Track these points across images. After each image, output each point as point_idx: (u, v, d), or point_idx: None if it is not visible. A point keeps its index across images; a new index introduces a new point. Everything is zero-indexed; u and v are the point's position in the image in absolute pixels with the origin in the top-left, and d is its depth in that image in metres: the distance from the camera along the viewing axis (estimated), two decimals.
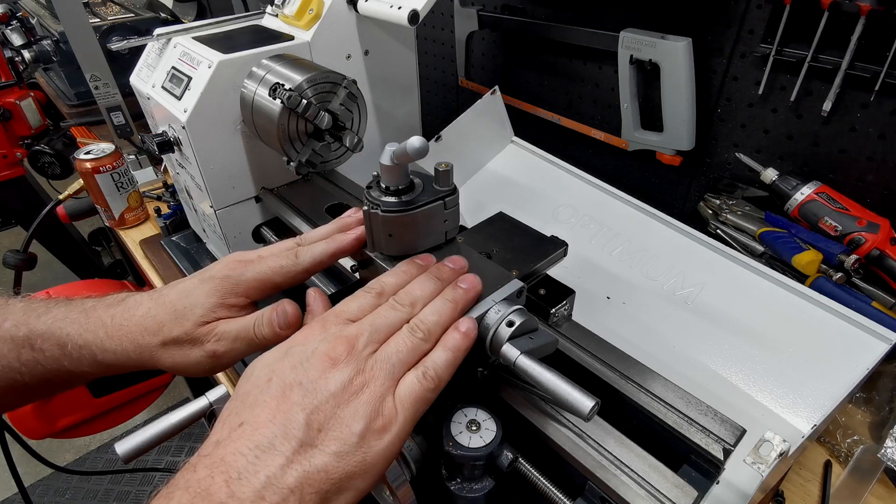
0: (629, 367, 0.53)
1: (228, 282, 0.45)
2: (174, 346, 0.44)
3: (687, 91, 0.85)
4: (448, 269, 0.44)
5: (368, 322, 0.38)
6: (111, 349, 0.44)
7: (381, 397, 0.35)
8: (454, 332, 0.40)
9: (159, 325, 0.44)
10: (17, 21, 1.69)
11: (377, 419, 0.34)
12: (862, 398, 0.71)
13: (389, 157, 0.47)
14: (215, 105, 0.72)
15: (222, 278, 0.45)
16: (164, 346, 0.44)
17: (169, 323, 0.44)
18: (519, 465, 0.51)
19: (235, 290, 0.45)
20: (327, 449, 0.32)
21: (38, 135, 1.86)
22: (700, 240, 0.75)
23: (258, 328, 0.44)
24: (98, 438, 2.00)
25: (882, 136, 0.72)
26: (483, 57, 1.23)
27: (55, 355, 0.44)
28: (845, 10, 0.67)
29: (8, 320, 0.45)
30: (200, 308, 0.44)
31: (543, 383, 0.42)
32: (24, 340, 0.44)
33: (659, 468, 0.45)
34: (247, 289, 0.46)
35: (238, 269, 0.46)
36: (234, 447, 0.31)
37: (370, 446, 0.33)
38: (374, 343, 0.37)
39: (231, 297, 0.45)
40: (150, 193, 1.23)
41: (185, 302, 0.44)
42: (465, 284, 0.43)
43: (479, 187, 0.94)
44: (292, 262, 0.47)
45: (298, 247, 0.48)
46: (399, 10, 0.73)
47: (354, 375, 0.35)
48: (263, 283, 0.46)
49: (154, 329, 0.44)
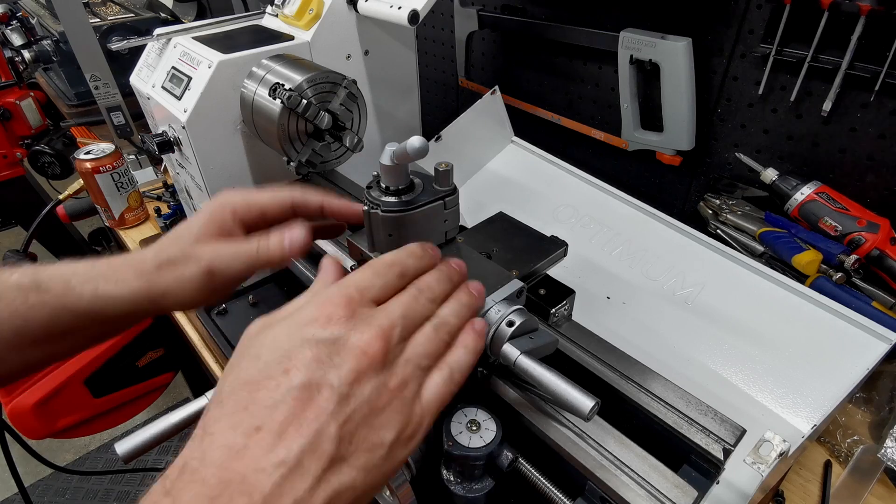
0: (629, 367, 0.53)
1: (221, 207, 0.45)
2: (170, 267, 0.43)
3: (687, 91, 0.85)
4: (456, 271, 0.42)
5: (400, 313, 0.34)
6: (112, 279, 0.43)
7: (411, 403, 0.32)
8: (472, 333, 0.38)
9: (158, 250, 0.44)
10: (17, 21, 1.69)
11: (407, 427, 0.31)
12: (862, 398, 0.71)
13: (389, 157, 0.47)
14: (215, 105, 0.72)
15: (216, 205, 0.45)
16: (160, 269, 0.43)
17: (167, 246, 0.44)
18: (519, 465, 0.51)
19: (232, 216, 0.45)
20: (356, 462, 0.29)
21: (38, 135, 1.86)
22: (700, 240, 0.75)
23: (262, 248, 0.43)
24: (98, 438, 2.00)
25: (882, 136, 0.72)
26: (483, 57, 1.23)
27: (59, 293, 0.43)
28: (845, 10, 0.67)
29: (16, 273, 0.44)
30: (196, 228, 0.44)
31: (543, 383, 0.42)
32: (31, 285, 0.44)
33: (659, 468, 0.45)
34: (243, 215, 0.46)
35: (230, 196, 0.46)
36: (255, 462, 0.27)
37: (395, 456, 0.31)
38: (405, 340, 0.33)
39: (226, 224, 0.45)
40: (150, 193, 1.23)
41: (182, 228, 0.45)
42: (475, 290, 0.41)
43: (479, 187, 0.94)
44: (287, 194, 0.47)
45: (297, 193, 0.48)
46: (399, 10, 0.73)
47: (389, 378, 0.31)
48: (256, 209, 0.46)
49: (152, 255, 0.44)
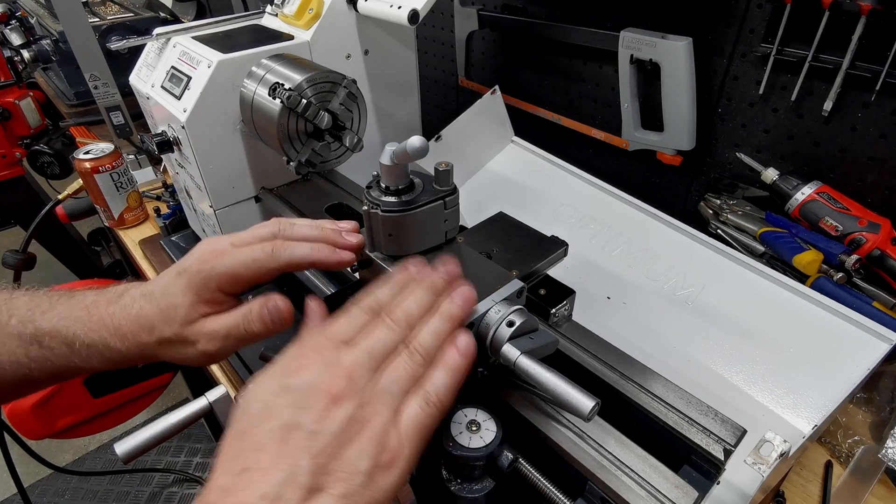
0: (629, 368, 0.53)
1: (200, 276, 0.44)
2: (169, 346, 0.45)
3: (687, 91, 0.85)
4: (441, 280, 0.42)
5: (366, 348, 0.36)
6: (117, 348, 0.45)
7: (384, 431, 0.33)
8: (453, 351, 0.38)
9: (151, 326, 0.44)
10: (16, 20, 1.69)
11: (383, 454, 0.33)
12: (863, 398, 0.71)
13: (389, 156, 0.47)
14: (215, 105, 0.72)
15: (194, 273, 0.44)
16: (161, 346, 0.45)
17: (159, 324, 0.44)
18: (519, 466, 0.51)
19: (208, 284, 0.44)
20: (335, 491, 0.31)
21: (37, 134, 1.85)
22: (701, 240, 0.75)
23: (248, 325, 0.44)
24: (97, 439, 2.00)
25: (883, 135, 0.72)
26: (483, 57, 1.23)
27: (64, 353, 0.45)
28: (846, 9, 0.67)
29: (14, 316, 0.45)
30: (182, 308, 0.44)
31: (543, 383, 0.42)
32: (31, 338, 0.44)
33: (659, 468, 0.45)
34: (219, 283, 0.44)
35: (209, 262, 0.44)
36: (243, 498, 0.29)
37: (378, 483, 0.32)
38: (373, 370, 0.36)
39: (205, 293, 0.44)
40: (150, 193, 1.22)
41: (167, 300, 0.44)
42: (460, 299, 0.41)
43: (479, 187, 0.94)
44: (266, 256, 0.45)
45: (276, 239, 0.46)
46: (399, 10, 0.72)
47: (356, 410, 0.33)
48: (234, 278, 0.44)
49: (148, 329, 0.44)
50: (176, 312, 0.44)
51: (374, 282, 0.42)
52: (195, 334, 0.44)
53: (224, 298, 0.45)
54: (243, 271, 0.44)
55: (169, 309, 0.44)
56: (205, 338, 0.44)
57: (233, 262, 0.44)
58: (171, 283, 0.45)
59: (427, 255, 0.53)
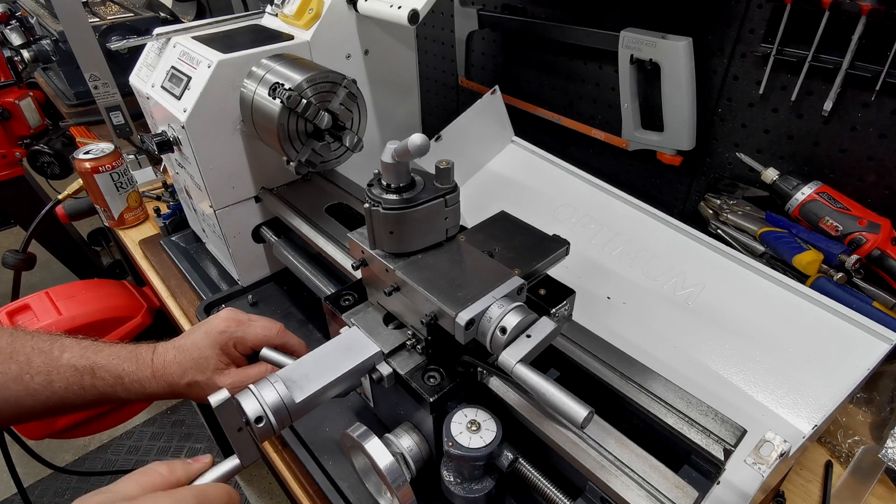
0: (629, 368, 0.53)
1: (225, 336, 0.60)
2: (198, 388, 0.59)
3: (687, 91, 0.85)
4: None
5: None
6: (154, 387, 0.59)
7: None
8: None
9: (184, 371, 0.59)
10: (16, 20, 1.69)
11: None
12: (863, 398, 0.71)
13: (391, 154, 0.47)
14: (215, 105, 0.72)
15: (220, 332, 0.60)
16: (189, 386, 0.59)
17: (191, 370, 0.59)
18: (519, 466, 0.51)
19: (230, 342, 0.60)
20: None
21: (37, 134, 1.85)
22: (701, 240, 0.75)
23: None
24: (97, 439, 2.00)
25: (883, 135, 0.72)
26: (483, 57, 1.23)
27: (112, 384, 0.57)
28: (846, 9, 0.67)
29: (66, 352, 0.57)
30: (213, 360, 0.59)
31: (539, 392, 0.42)
32: (86, 369, 0.57)
33: (659, 469, 0.45)
34: (241, 348, 0.61)
35: (232, 327, 0.61)
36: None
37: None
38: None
39: (229, 348, 0.60)
40: (150, 193, 1.22)
41: (198, 353, 0.59)
42: None
43: (479, 187, 0.94)
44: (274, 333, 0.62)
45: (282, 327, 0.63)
46: (399, 10, 0.72)
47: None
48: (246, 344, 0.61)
49: (180, 374, 0.59)
50: (208, 363, 0.59)
51: None
52: (223, 381, 0.59)
53: (237, 355, 0.61)
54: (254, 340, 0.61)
55: (201, 359, 0.59)
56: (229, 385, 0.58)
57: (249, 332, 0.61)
58: (202, 339, 0.60)
59: (427, 252, 0.53)
